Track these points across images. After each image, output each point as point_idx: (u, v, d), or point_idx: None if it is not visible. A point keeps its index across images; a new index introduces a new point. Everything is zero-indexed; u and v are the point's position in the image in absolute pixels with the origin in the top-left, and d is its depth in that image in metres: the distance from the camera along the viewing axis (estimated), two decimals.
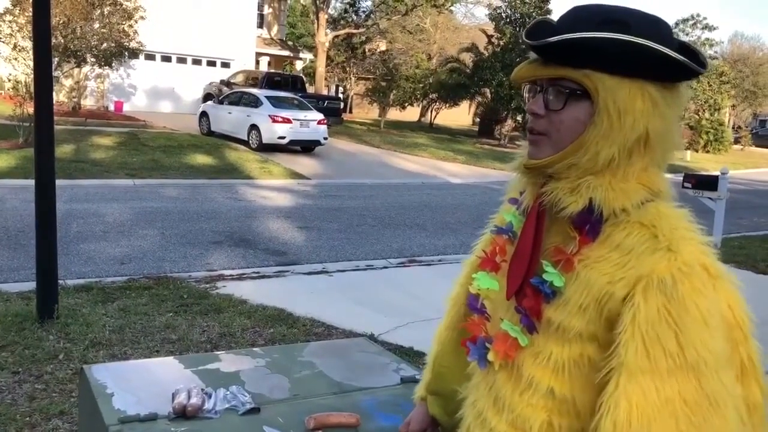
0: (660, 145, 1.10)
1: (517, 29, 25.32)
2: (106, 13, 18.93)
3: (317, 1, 28.50)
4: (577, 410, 1.08)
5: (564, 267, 1.10)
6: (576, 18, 1.09)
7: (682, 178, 9.92)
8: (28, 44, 15.67)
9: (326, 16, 29.29)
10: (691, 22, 40.02)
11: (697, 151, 33.50)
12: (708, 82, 37.54)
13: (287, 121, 16.89)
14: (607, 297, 1.04)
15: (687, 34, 40.42)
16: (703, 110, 38.09)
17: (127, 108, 23.64)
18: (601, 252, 1.08)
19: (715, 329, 1.00)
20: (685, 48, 1.10)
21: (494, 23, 27.30)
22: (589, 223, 1.10)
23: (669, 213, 1.09)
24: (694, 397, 0.97)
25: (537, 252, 1.16)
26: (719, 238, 9.45)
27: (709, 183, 9.48)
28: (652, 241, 1.05)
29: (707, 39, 40.29)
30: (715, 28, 40.70)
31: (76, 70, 19.88)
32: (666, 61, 1.05)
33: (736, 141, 41.09)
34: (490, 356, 1.18)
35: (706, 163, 26.50)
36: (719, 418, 0.98)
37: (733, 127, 44.52)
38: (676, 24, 40.32)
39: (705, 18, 40.89)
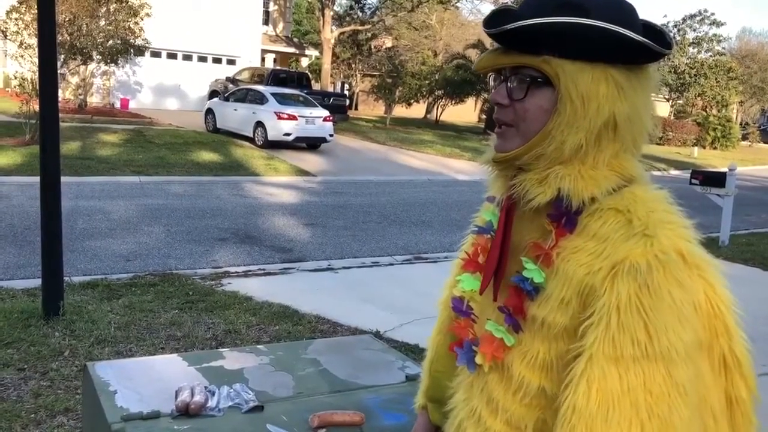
0: (629, 130, 1.07)
1: None
2: (112, 10, 18.95)
3: None
4: None
5: (544, 262, 1.08)
6: (536, 3, 1.06)
7: (689, 175, 9.89)
8: (35, 41, 15.69)
9: (332, 13, 29.25)
10: (698, 18, 39.81)
11: (704, 147, 33.38)
12: (716, 79, 37.37)
13: (293, 118, 16.88)
14: (588, 289, 1.01)
15: (694, 30, 40.22)
16: (711, 107, 37.92)
17: (133, 105, 23.69)
18: (578, 242, 1.05)
19: (688, 320, 0.97)
20: (650, 29, 1.07)
21: None
22: (565, 216, 1.07)
23: (645, 197, 1.06)
24: (660, 387, 0.94)
25: (506, 247, 1.14)
26: (727, 235, 9.41)
27: (716, 179, 9.44)
28: (626, 227, 1.02)
29: (715, 35, 40.07)
30: (722, 24, 40.45)
31: (82, 68, 19.91)
32: (627, 43, 1.02)
33: (744, 137, 40.91)
34: (478, 359, 1.16)
35: (714, 160, 26.39)
36: (687, 409, 0.95)
37: (740, 124, 44.32)
38: (684, 20, 40.12)
39: (713, 14, 40.68)
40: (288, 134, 16.86)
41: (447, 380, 1.38)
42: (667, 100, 40.36)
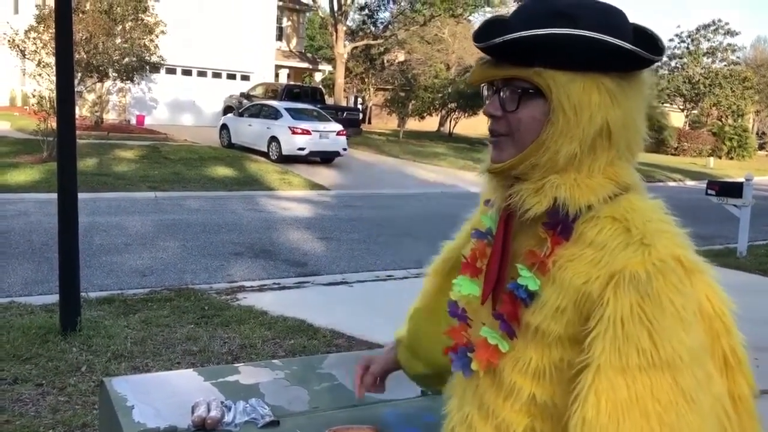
0: (624, 137, 1.07)
1: None
2: (127, 28, 19.23)
3: (336, 13, 28.71)
4: (560, 415, 1.04)
5: (539, 269, 1.07)
6: (525, 15, 1.06)
7: (705, 186, 9.81)
8: (52, 60, 15.93)
9: (345, 28, 29.48)
10: (712, 28, 39.69)
11: (720, 157, 33.15)
12: (731, 88, 37.17)
13: (307, 132, 16.98)
14: (584, 298, 1.01)
15: (708, 40, 40.09)
16: (726, 116, 37.69)
17: (148, 121, 23.94)
18: (574, 251, 1.05)
19: (691, 325, 0.97)
20: (642, 33, 1.06)
21: None
22: (560, 223, 1.07)
23: (641, 205, 1.06)
24: (668, 395, 0.94)
25: (506, 256, 1.13)
26: (745, 246, 9.30)
27: (733, 190, 9.36)
28: (624, 236, 1.01)
29: (729, 44, 39.91)
30: (737, 33, 40.31)
31: (99, 85, 20.18)
32: (617, 51, 1.01)
33: (761, 147, 40.61)
34: (474, 365, 1.15)
35: (730, 170, 26.19)
36: (696, 416, 0.94)
37: (757, 133, 44.00)
38: (697, 30, 40.02)
39: (727, 23, 40.48)
40: (302, 149, 16.96)
41: (426, 340, 1.48)
42: (682, 111, 40.16)
